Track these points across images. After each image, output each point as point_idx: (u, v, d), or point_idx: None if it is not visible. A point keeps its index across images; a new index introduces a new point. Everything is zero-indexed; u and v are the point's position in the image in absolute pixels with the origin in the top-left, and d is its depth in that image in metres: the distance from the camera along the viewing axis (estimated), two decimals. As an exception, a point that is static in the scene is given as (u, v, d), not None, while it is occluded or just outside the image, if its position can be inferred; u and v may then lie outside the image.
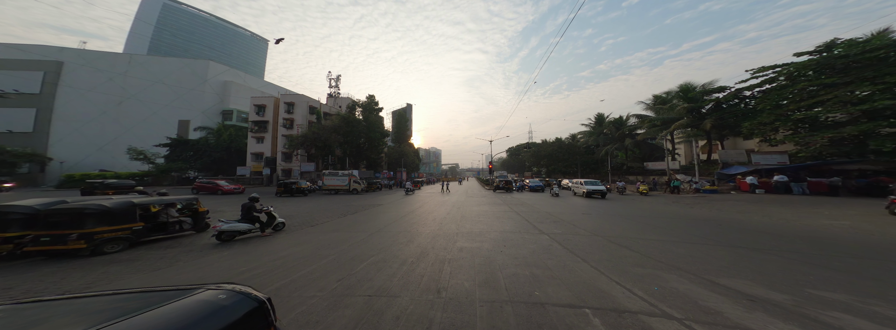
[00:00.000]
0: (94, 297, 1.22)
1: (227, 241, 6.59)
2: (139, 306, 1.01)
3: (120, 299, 1.17)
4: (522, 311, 3.03)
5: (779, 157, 20.17)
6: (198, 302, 1.10)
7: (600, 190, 17.35)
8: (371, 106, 37.52)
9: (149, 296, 1.16)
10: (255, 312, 1.17)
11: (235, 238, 6.80)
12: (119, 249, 5.98)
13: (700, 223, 8.43)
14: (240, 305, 1.14)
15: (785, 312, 2.97)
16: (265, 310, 1.22)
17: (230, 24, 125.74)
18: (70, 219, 5.64)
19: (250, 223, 6.97)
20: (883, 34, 17.01)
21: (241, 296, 1.20)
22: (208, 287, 1.25)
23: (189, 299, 1.11)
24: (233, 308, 1.11)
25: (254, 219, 7.05)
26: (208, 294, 1.17)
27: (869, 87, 15.64)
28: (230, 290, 1.24)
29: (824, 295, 3.41)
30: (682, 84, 29.11)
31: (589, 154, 41.22)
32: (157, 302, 1.05)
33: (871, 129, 15.55)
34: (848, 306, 3.10)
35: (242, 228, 6.76)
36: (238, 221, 6.86)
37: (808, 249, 5.54)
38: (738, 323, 2.75)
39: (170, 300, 1.08)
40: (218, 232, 6.51)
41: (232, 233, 6.66)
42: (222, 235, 6.55)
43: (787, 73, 19.52)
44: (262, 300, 1.23)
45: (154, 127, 43.89)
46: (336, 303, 3.29)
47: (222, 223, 6.60)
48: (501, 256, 5.11)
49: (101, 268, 4.97)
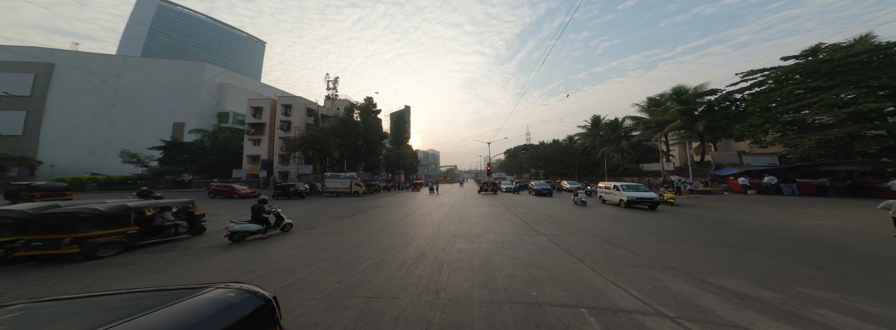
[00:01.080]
0: (109, 295, 1.26)
1: (238, 241, 6.81)
2: (154, 303, 1.05)
3: (135, 297, 1.20)
4: (520, 311, 3.08)
5: (769, 159, 20.61)
6: (209, 300, 1.14)
7: (650, 198, 12.32)
8: (369, 108, 37.54)
9: (162, 294, 1.20)
10: (263, 309, 1.22)
11: (246, 238, 7.00)
12: (113, 253, 5.92)
13: (694, 224, 8.57)
14: (248, 303, 1.19)
15: (774, 309, 3.07)
16: (271, 307, 1.28)
17: (226, 26, 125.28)
18: (63, 223, 5.59)
19: (260, 224, 7.18)
20: (865, 39, 17.60)
21: (248, 294, 1.25)
22: (217, 286, 1.30)
23: (201, 297, 1.15)
24: (242, 305, 1.16)
25: (263, 220, 7.25)
26: (218, 292, 1.21)
27: (853, 90, 16.14)
28: (238, 288, 1.29)
29: (812, 293, 3.52)
30: (675, 87, 29.68)
31: (586, 155, 41.62)
32: (170, 299, 1.09)
33: (857, 132, 16.01)
34: (834, 304, 3.21)
35: (253, 229, 6.97)
36: (249, 222, 7.05)
37: (798, 249, 5.68)
38: (728, 321, 2.83)
39: (182, 298, 1.12)
40: (230, 232, 6.71)
41: (243, 233, 6.88)
42: (234, 236, 6.76)
43: (776, 76, 20.05)
44: (268, 298, 1.28)
45: (148, 130, 43.37)
46: (335, 304, 3.31)
47: (234, 224, 6.82)
48: (500, 258, 5.16)
49: (96, 272, 4.92)
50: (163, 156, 36.74)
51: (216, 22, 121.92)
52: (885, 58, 16.06)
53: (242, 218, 8.60)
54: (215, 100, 50.10)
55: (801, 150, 18.60)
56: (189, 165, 36.30)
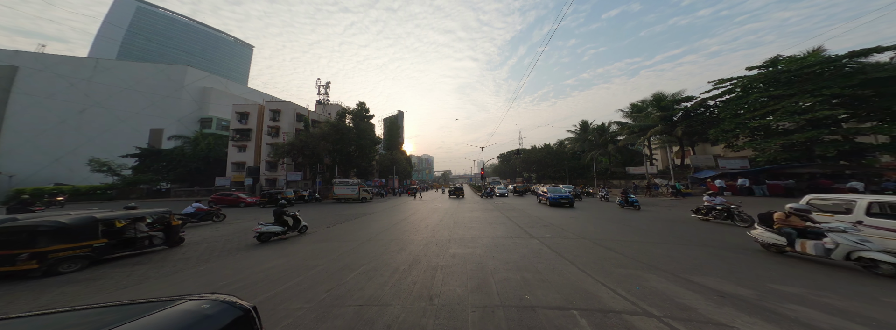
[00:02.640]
0: (65, 312, 1.12)
1: (265, 241, 7.43)
2: (117, 319, 0.94)
3: (95, 313, 1.08)
4: (513, 315, 3.09)
5: (741, 162, 21.92)
6: (180, 312, 1.05)
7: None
8: (361, 113, 37.17)
9: (127, 308, 1.10)
10: (241, 321, 1.13)
11: (271, 239, 7.59)
12: (76, 268, 5.49)
13: (676, 224, 8.93)
14: (224, 314, 1.10)
15: (750, 306, 3.23)
16: (251, 318, 1.19)
17: (212, 29, 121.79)
18: (19, 238, 5.14)
19: (282, 226, 7.82)
20: (817, 52, 19.37)
21: (225, 305, 1.16)
22: (190, 297, 1.20)
23: (171, 310, 1.06)
24: (217, 317, 1.07)
25: (285, 222, 7.95)
26: (191, 304, 1.12)
27: (810, 98, 17.60)
28: (213, 299, 1.19)
29: (783, 289, 3.73)
30: (655, 93, 31.33)
31: (576, 159, 42.76)
32: (136, 314, 0.99)
33: (815, 137, 17.37)
34: (803, 299, 3.41)
35: (277, 230, 7.64)
36: (272, 224, 7.68)
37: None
38: (709, 318, 2.96)
39: (150, 311, 1.02)
40: (258, 234, 7.40)
41: (269, 234, 7.53)
42: (261, 237, 7.43)
43: (742, 85, 21.60)
44: (247, 309, 1.20)
45: (121, 136, 41.00)
46: (325, 314, 3.20)
47: (261, 226, 7.53)
48: (493, 262, 5.17)
49: (56, 288, 4.54)
50: (137, 164, 34.71)
51: (200, 25, 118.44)
52: (834, 69, 17.70)
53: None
54: (198, 105, 48.25)
55: (768, 154, 19.94)
56: (167, 173, 34.41)
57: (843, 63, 17.49)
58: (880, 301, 3.35)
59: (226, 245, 7.37)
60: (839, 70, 17.56)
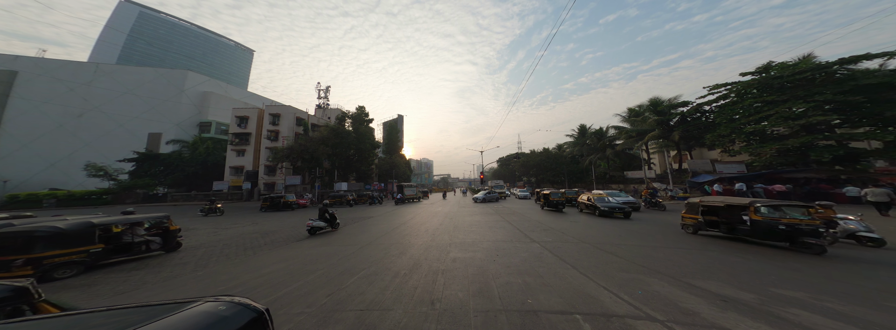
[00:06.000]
0: (90, 313, 1.17)
1: (314, 235, 9.09)
2: (140, 319, 0.99)
3: (118, 314, 1.13)
4: (516, 319, 3.07)
5: (738, 167, 22.08)
6: (199, 313, 1.10)
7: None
8: (361, 117, 37.30)
9: (148, 310, 1.14)
10: (256, 322, 1.17)
11: (317, 233, 9.28)
12: (72, 273, 5.42)
13: (676, 228, 8.93)
14: (240, 316, 1.15)
15: (753, 310, 3.22)
16: (264, 320, 1.23)
17: (212, 34, 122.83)
18: (15, 243, 5.08)
19: (325, 222, 9.64)
20: (808, 58, 19.80)
21: (240, 306, 1.20)
22: (206, 299, 1.24)
23: (190, 311, 1.10)
24: (233, 319, 1.12)
25: (326, 219, 9.71)
26: (208, 305, 1.17)
27: (802, 104, 17.91)
28: (229, 301, 1.24)
29: (785, 293, 3.73)
30: (652, 98, 31.69)
31: (574, 164, 42.92)
32: (157, 315, 1.04)
33: (810, 142, 17.60)
34: (805, 303, 3.41)
35: (322, 225, 9.46)
36: (318, 220, 9.50)
37: (770, 251, 6.04)
38: (713, 323, 2.95)
39: (170, 312, 1.07)
40: (310, 228, 9.07)
41: (317, 228, 9.27)
42: (313, 230, 9.15)
43: (737, 90, 21.96)
44: (261, 310, 1.24)
45: (120, 141, 40.86)
46: (326, 319, 3.17)
47: (312, 221, 9.27)
48: (494, 266, 5.14)
49: (52, 294, 4.44)
50: (135, 168, 34.49)
51: (202, 29, 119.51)
52: (826, 76, 18.08)
53: None
54: (197, 109, 48.32)
55: (764, 159, 20.12)
56: (164, 177, 34.19)
57: (833, 69, 17.87)
58: (882, 305, 3.36)
59: (224, 250, 7.29)
60: (830, 76, 17.93)
